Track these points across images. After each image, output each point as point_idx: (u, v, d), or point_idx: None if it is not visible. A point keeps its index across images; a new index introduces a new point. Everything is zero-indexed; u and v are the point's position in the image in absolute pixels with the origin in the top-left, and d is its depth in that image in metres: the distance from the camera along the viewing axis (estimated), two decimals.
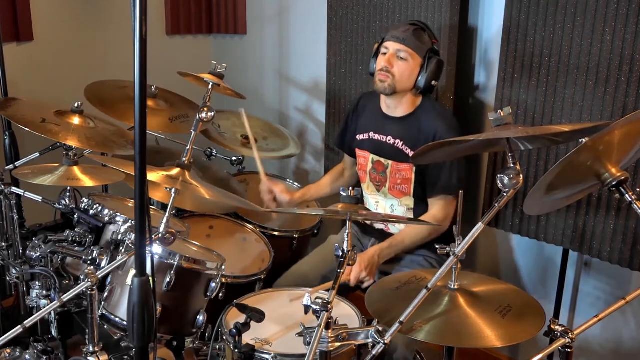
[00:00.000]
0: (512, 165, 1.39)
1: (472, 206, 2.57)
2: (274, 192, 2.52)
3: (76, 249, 2.05)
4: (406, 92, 2.23)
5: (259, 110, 3.45)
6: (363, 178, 2.40)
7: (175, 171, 1.90)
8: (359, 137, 2.39)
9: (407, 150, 2.23)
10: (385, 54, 2.21)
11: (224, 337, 1.75)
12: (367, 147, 2.36)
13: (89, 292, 1.64)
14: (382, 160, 2.30)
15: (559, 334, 1.39)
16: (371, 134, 2.34)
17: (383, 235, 2.35)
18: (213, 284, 1.95)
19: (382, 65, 2.19)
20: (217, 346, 1.82)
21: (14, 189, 2.27)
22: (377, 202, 2.37)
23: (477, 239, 1.70)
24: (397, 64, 2.18)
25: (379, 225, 2.39)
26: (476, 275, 1.75)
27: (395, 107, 2.27)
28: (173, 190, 1.82)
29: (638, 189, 2.01)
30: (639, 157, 1.57)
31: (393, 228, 2.35)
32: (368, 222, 2.42)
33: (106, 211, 2.13)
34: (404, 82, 2.19)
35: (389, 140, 2.27)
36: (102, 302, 1.90)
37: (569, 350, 1.39)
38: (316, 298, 1.43)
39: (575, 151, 1.33)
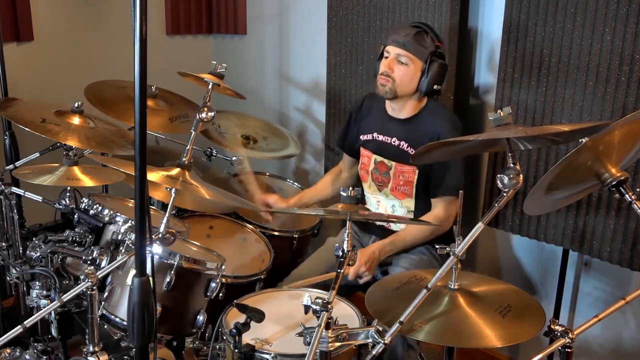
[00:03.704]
0: (512, 165, 1.39)
1: (472, 206, 2.57)
2: (270, 204, 2.52)
3: (76, 249, 2.05)
4: (408, 95, 2.22)
5: (259, 110, 3.45)
6: (365, 178, 2.40)
7: (175, 171, 1.90)
8: (363, 137, 2.39)
9: (411, 151, 2.23)
10: (387, 57, 2.20)
11: (224, 337, 1.75)
12: (371, 148, 2.36)
13: (89, 292, 1.63)
14: (386, 161, 2.30)
15: (559, 334, 1.39)
16: (375, 134, 2.34)
17: (384, 233, 2.35)
18: (213, 284, 1.95)
19: (383, 70, 2.19)
20: (217, 346, 1.82)
21: (14, 189, 2.27)
22: (379, 202, 2.37)
23: (477, 239, 1.71)
24: (397, 68, 2.17)
25: (380, 222, 2.39)
26: (476, 275, 1.75)
27: (400, 110, 2.27)
28: (173, 190, 1.82)
29: (638, 189, 2.03)
30: (639, 157, 1.56)
31: (395, 226, 2.35)
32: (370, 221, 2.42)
33: (106, 211, 2.13)
34: (404, 86, 2.19)
35: (394, 142, 2.27)
36: (102, 302, 1.90)
37: (569, 350, 1.39)
38: (316, 298, 1.43)
39: (575, 151, 1.33)
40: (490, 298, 1.58)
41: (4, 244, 2.34)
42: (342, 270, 1.49)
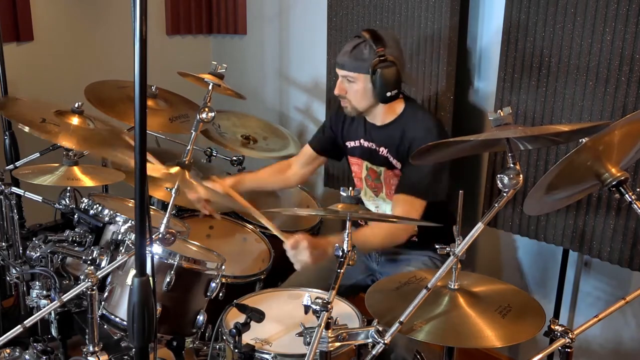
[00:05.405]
0: (512, 165, 1.38)
1: (472, 206, 2.57)
2: (202, 197, 2.22)
3: (76, 249, 2.05)
4: (373, 106, 2.17)
5: (259, 110, 3.45)
6: (359, 185, 2.37)
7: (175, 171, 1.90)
8: (350, 144, 2.34)
9: (391, 158, 2.19)
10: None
11: (224, 337, 1.75)
12: (360, 155, 2.32)
13: (89, 292, 1.64)
14: (375, 167, 2.27)
15: (559, 334, 1.39)
16: (362, 141, 2.29)
17: None
18: (213, 284, 1.95)
19: (337, 93, 2.17)
20: (217, 346, 1.82)
21: (14, 189, 2.27)
22: (377, 207, 2.35)
23: (477, 239, 1.70)
24: (348, 87, 2.14)
25: None
26: (476, 275, 1.75)
27: (374, 118, 2.22)
28: (173, 190, 1.82)
29: (638, 189, 2.03)
30: (639, 157, 1.56)
31: None
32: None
33: (106, 211, 2.13)
34: (360, 102, 2.14)
35: (377, 148, 2.25)
36: (102, 302, 1.90)
37: (568, 350, 1.39)
38: (316, 298, 1.43)
39: (575, 151, 1.33)
40: (490, 298, 1.58)
41: (4, 244, 2.35)
42: (342, 270, 1.49)
